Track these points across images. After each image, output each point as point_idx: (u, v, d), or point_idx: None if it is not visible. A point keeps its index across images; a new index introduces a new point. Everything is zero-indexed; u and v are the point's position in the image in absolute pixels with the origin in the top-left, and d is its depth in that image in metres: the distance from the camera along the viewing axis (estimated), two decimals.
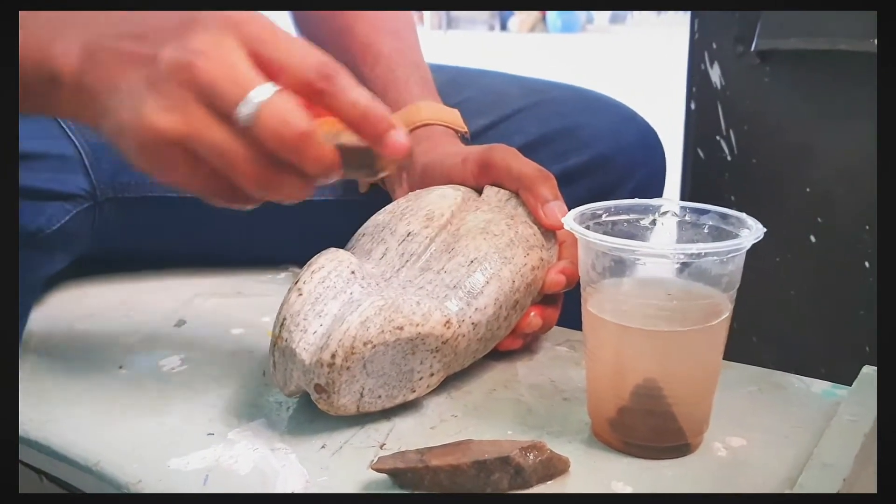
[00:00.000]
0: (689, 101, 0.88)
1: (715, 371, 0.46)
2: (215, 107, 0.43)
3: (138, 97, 0.43)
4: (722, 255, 0.43)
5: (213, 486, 0.44)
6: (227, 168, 0.44)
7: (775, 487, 0.43)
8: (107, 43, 0.45)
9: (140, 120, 0.43)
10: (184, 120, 0.43)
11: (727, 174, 0.87)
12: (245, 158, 0.43)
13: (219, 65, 0.43)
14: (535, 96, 0.80)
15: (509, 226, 0.54)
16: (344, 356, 0.45)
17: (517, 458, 0.43)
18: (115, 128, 0.44)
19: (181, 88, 0.43)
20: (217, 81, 0.42)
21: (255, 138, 0.43)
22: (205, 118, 0.43)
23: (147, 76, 0.43)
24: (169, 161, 0.44)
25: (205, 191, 0.45)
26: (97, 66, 0.45)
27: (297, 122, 0.42)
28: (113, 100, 0.44)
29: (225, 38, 0.43)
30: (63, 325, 0.63)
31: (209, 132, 0.43)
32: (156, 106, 0.43)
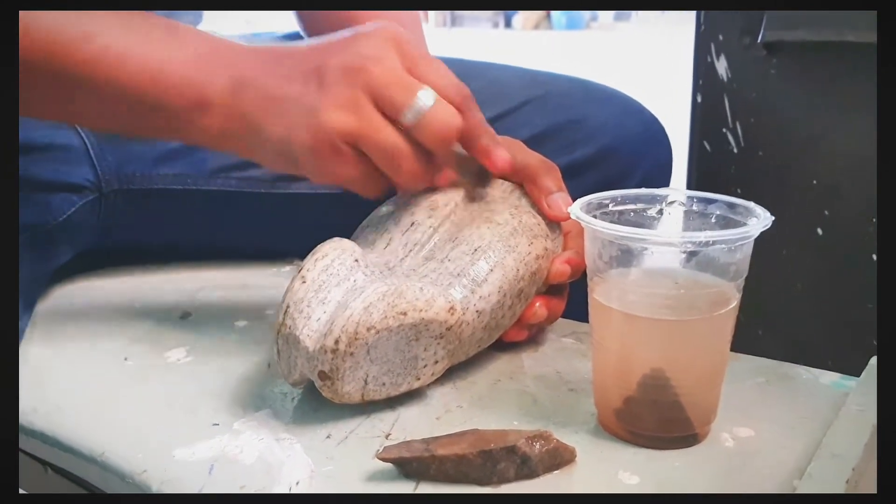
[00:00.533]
0: (696, 93, 0.87)
1: (722, 361, 0.46)
2: (385, 108, 0.49)
3: (310, 101, 0.49)
4: (730, 244, 0.43)
5: (219, 476, 0.44)
6: (392, 164, 0.50)
7: (784, 478, 0.43)
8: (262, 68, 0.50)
9: (317, 119, 0.48)
10: (358, 119, 0.48)
11: (733, 167, 0.86)
12: (408, 156, 0.50)
13: (389, 70, 0.49)
14: (541, 89, 0.79)
15: (513, 215, 0.54)
16: (347, 342, 0.45)
17: (523, 448, 0.42)
18: (283, 137, 0.49)
19: (355, 90, 0.48)
20: (389, 85, 0.48)
21: (418, 137, 0.49)
22: (377, 118, 0.49)
23: (317, 82, 0.49)
24: (339, 158, 0.49)
25: (363, 186, 0.52)
26: (254, 90, 0.50)
27: (456, 122, 0.50)
28: (275, 112, 0.49)
29: (389, 48, 0.49)
30: (69, 317, 0.63)
31: (383, 131, 0.49)
32: (332, 106, 0.48)
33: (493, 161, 0.54)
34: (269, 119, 0.49)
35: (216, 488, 0.43)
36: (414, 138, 0.50)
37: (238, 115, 0.50)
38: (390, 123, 0.49)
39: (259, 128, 0.50)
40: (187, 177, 0.69)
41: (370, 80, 0.48)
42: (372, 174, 0.51)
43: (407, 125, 0.49)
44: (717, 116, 0.86)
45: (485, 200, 0.56)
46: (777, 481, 0.42)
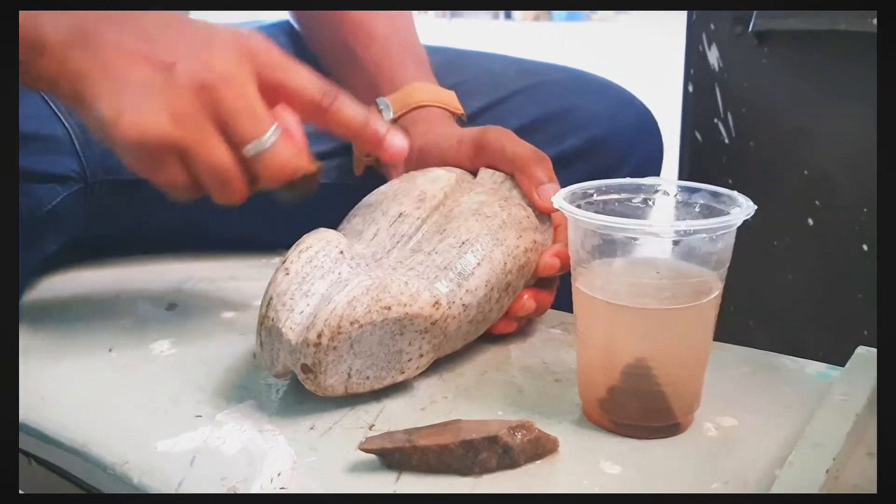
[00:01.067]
0: (687, 83, 0.87)
1: (705, 350, 0.46)
2: (228, 133, 0.47)
3: (150, 99, 0.46)
4: (711, 233, 0.43)
5: (200, 468, 0.44)
6: (219, 184, 0.49)
7: (765, 467, 0.43)
8: (109, 33, 0.47)
9: (151, 121, 0.46)
10: (192, 134, 0.47)
11: (725, 157, 0.86)
12: (236, 180, 0.49)
13: (241, 97, 0.47)
14: (532, 78, 0.79)
15: (502, 207, 0.54)
16: (330, 336, 0.45)
17: (505, 438, 0.42)
18: (111, 120, 0.46)
19: (199, 105, 0.47)
20: (238, 113, 0.47)
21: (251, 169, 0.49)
22: (213, 138, 0.47)
23: (163, 80, 0.46)
24: (160, 165, 0.48)
25: (180, 193, 0.50)
26: (94, 50, 0.47)
27: (296, 162, 0.49)
28: (109, 89, 0.46)
29: (244, 66, 0.48)
30: (54, 308, 0.63)
31: (216, 152, 0.47)
32: (167, 111, 0.46)
33: (388, 150, 0.53)
34: (102, 93, 0.46)
35: (197, 480, 0.43)
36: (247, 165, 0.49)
37: (71, 69, 0.46)
38: (229, 147, 0.48)
39: (91, 96, 0.46)
40: None
41: (219, 102, 0.47)
42: (192, 185, 0.49)
43: (245, 156, 0.48)
44: (708, 106, 0.86)
45: (474, 192, 0.56)
46: (759, 470, 0.42)
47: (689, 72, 0.87)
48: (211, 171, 0.48)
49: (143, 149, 0.47)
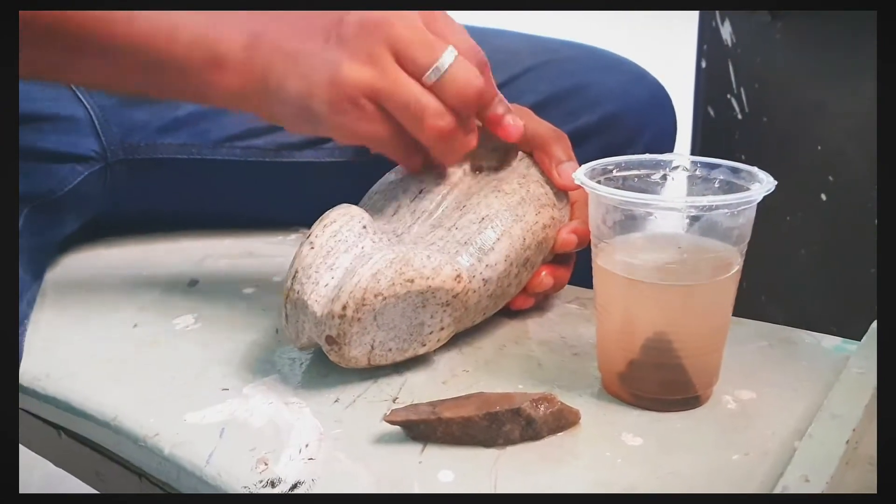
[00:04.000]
0: (700, 58, 0.87)
1: (724, 325, 0.46)
2: (406, 66, 0.48)
3: (330, 55, 0.47)
4: (733, 208, 0.43)
5: (229, 439, 0.45)
6: (415, 122, 0.48)
7: (785, 439, 0.43)
8: (276, 24, 0.49)
9: (337, 74, 0.47)
10: (381, 74, 0.47)
11: (737, 133, 0.86)
12: (433, 113, 0.48)
13: (411, 28, 0.48)
14: (546, 55, 0.79)
15: (521, 184, 0.54)
16: (355, 308, 0.45)
17: (528, 410, 0.43)
18: (304, 92, 0.48)
19: (375, 44, 0.47)
20: (411, 43, 0.47)
21: (440, 96, 0.48)
22: (400, 73, 0.47)
23: (336, 36, 0.47)
24: (361, 115, 0.48)
25: (390, 146, 0.50)
26: (270, 44, 0.48)
27: (478, 81, 0.49)
28: (294, 67, 0.48)
29: (406, 11, 0.48)
30: (78, 285, 0.64)
31: (406, 87, 0.48)
32: (353, 60, 0.47)
33: (506, 129, 0.53)
34: (286, 75, 0.48)
35: (227, 451, 0.44)
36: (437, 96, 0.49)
37: (254, 71, 0.48)
38: (413, 80, 0.48)
39: (277, 84, 0.48)
40: (192, 146, 0.69)
41: (391, 35, 0.47)
42: (397, 134, 0.49)
43: (428, 84, 0.48)
44: (721, 82, 0.86)
45: (493, 169, 0.56)
46: (778, 442, 0.43)
47: (703, 47, 0.87)
48: (405, 107, 0.48)
49: (338, 105, 0.47)
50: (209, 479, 0.43)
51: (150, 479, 0.50)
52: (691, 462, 0.42)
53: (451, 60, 0.48)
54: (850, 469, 0.41)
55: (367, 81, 0.47)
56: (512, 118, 0.53)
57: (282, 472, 0.42)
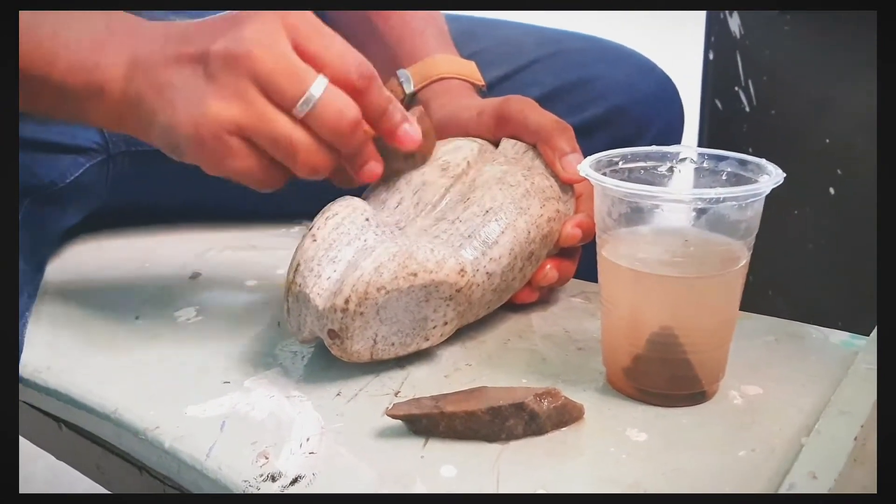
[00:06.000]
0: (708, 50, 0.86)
1: (731, 319, 0.46)
2: (274, 99, 0.45)
3: (195, 91, 0.45)
4: (740, 201, 0.42)
5: (230, 432, 0.44)
6: (287, 156, 0.46)
7: (792, 435, 0.43)
8: (152, 49, 0.47)
9: (200, 111, 0.45)
10: (246, 110, 0.45)
11: (745, 126, 0.85)
12: (305, 147, 0.46)
13: (276, 57, 0.45)
14: (552, 47, 0.78)
15: (525, 177, 0.54)
16: (357, 301, 0.45)
17: (531, 405, 0.43)
18: (169, 126, 0.46)
19: (240, 78, 0.45)
20: (276, 74, 0.45)
21: (312, 128, 0.46)
22: (267, 108, 0.45)
23: (203, 70, 0.46)
24: (228, 152, 0.46)
25: (259, 180, 0.48)
26: (144, 73, 0.47)
27: (351, 113, 0.46)
28: (163, 100, 0.46)
29: (277, 32, 0.46)
30: (80, 278, 0.64)
31: (273, 122, 0.45)
32: (216, 97, 0.45)
33: (399, 140, 0.50)
34: (156, 107, 0.46)
35: (228, 445, 0.43)
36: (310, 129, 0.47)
37: (129, 101, 0.47)
38: (282, 113, 0.46)
39: (147, 115, 0.47)
40: None
41: (255, 67, 0.45)
42: (267, 167, 0.47)
43: (300, 117, 0.46)
44: (729, 74, 0.85)
45: (497, 161, 0.56)
46: (785, 439, 0.42)
47: (710, 39, 0.86)
48: (274, 142, 0.46)
49: (205, 142, 0.45)
50: (209, 473, 0.42)
51: (150, 473, 0.50)
52: (696, 458, 0.41)
53: (320, 91, 0.45)
54: (859, 466, 0.40)
55: (231, 118, 0.45)
56: (408, 126, 0.50)
57: (282, 466, 0.42)
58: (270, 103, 0.45)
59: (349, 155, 0.49)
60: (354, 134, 0.47)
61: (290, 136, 0.46)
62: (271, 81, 0.45)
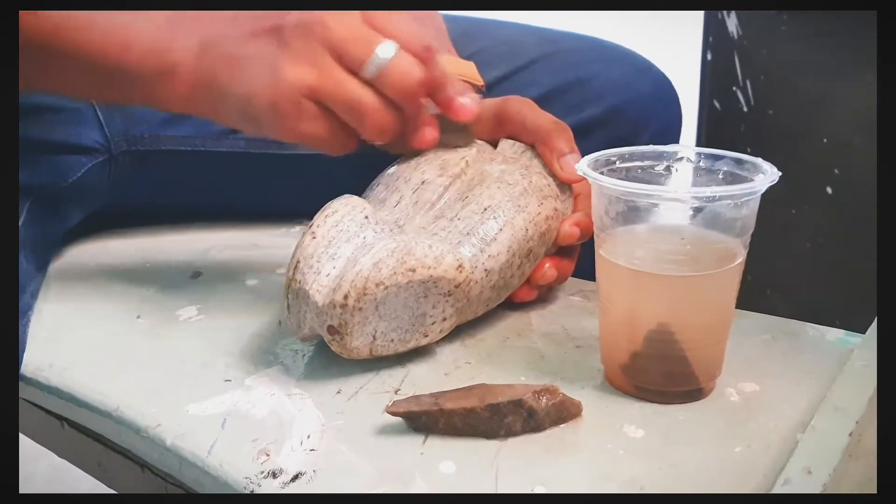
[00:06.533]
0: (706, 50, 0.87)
1: (728, 316, 0.46)
2: (344, 61, 0.48)
3: (271, 58, 0.48)
4: (736, 199, 0.43)
5: (231, 430, 0.45)
6: (357, 117, 0.49)
7: (787, 431, 0.43)
8: (223, 29, 0.50)
9: (277, 76, 0.48)
10: (319, 73, 0.48)
11: (743, 125, 0.86)
12: (374, 108, 0.49)
13: (346, 24, 0.48)
14: (549, 47, 0.79)
15: (524, 175, 0.54)
16: (356, 297, 0.45)
17: (530, 402, 0.43)
18: (245, 96, 0.49)
19: (313, 44, 0.48)
20: (347, 38, 0.48)
21: (380, 89, 0.48)
22: (338, 72, 0.48)
23: (276, 40, 0.48)
24: (302, 114, 0.48)
25: (331, 144, 0.50)
26: (217, 50, 0.49)
27: (418, 74, 0.49)
28: (237, 72, 0.49)
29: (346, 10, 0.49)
30: (82, 276, 0.64)
31: (344, 84, 0.48)
32: (291, 62, 0.48)
33: (455, 111, 0.52)
34: (231, 80, 0.49)
35: (229, 442, 0.44)
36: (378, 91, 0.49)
37: (201, 78, 0.50)
38: (352, 76, 0.48)
39: (222, 89, 0.49)
40: (195, 138, 0.69)
41: (328, 33, 0.48)
42: (339, 130, 0.50)
43: (368, 79, 0.48)
44: (726, 74, 0.85)
45: (496, 161, 0.56)
46: (781, 435, 0.43)
47: (708, 39, 0.87)
48: (345, 105, 0.48)
49: (282, 106, 0.48)
50: (211, 470, 0.43)
51: (152, 470, 0.50)
52: (693, 454, 0.42)
53: (388, 53, 0.48)
54: (854, 462, 0.40)
55: (306, 82, 0.48)
56: (464, 98, 0.52)
57: (283, 463, 0.42)
58: (342, 68, 0.48)
59: (411, 117, 0.51)
60: (420, 94, 0.50)
61: (361, 98, 0.48)
62: (342, 45, 0.48)
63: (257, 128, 0.50)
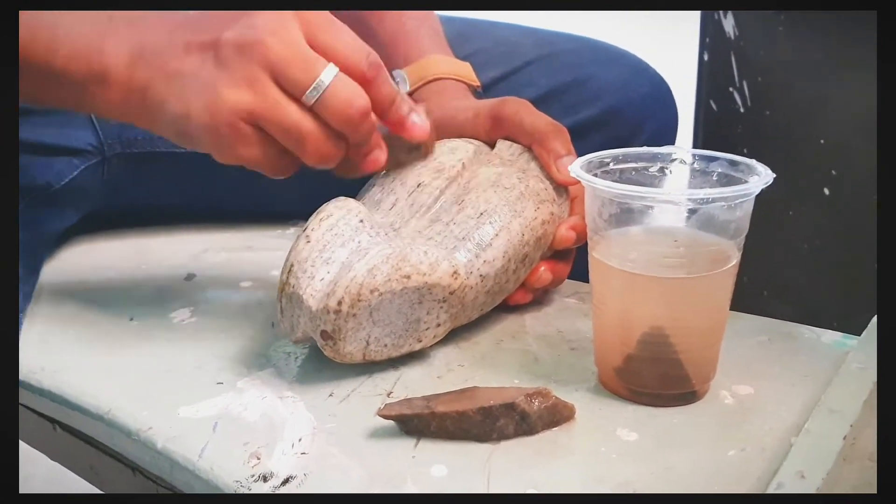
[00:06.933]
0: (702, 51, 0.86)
1: (722, 319, 0.46)
2: (284, 86, 0.46)
3: (206, 79, 0.46)
4: (730, 201, 0.43)
5: (222, 433, 0.44)
6: (297, 145, 0.47)
7: (782, 434, 0.43)
8: (159, 37, 0.48)
9: (214, 98, 0.46)
10: (258, 97, 0.46)
11: (740, 126, 0.85)
12: (314, 136, 0.46)
13: (287, 45, 0.45)
14: (546, 48, 0.78)
15: (520, 179, 0.54)
16: (350, 303, 0.45)
17: (522, 405, 0.43)
18: (181, 114, 0.46)
19: (252, 66, 0.45)
20: (287, 62, 0.45)
21: (322, 116, 0.46)
22: (278, 96, 0.46)
23: (213, 57, 0.46)
24: (240, 139, 0.46)
25: (269, 167, 0.48)
26: (151, 60, 0.47)
27: (360, 102, 0.47)
28: (172, 88, 0.46)
29: (288, 22, 0.46)
30: (75, 279, 0.64)
31: (283, 110, 0.46)
32: (229, 84, 0.45)
33: (410, 131, 0.51)
34: (166, 95, 0.47)
35: (220, 445, 0.44)
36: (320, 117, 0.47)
37: (135, 88, 0.47)
38: (292, 100, 0.46)
39: (156, 104, 0.47)
40: None
41: (267, 55, 0.45)
42: (278, 155, 0.48)
43: (309, 104, 0.46)
44: (723, 75, 0.85)
45: (493, 163, 0.56)
46: (775, 438, 0.43)
47: (705, 40, 0.86)
48: (285, 132, 0.46)
49: (219, 129, 0.46)
50: (202, 473, 0.42)
51: (143, 473, 0.50)
52: (687, 457, 0.42)
53: (330, 79, 0.46)
54: (848, 465, 0.40)
55: (244, 106, 0.45)
56: (416, 116, 0.51)
57: (274, 467, 0.42)
58: (282, 92, 0.46)
59: (357, 144, 0.49)
60: (364, 122, 0.48)
61: (300, 126, 0.46)
62: (283, 69, 0.45)
63: (194, 146, 0.48)
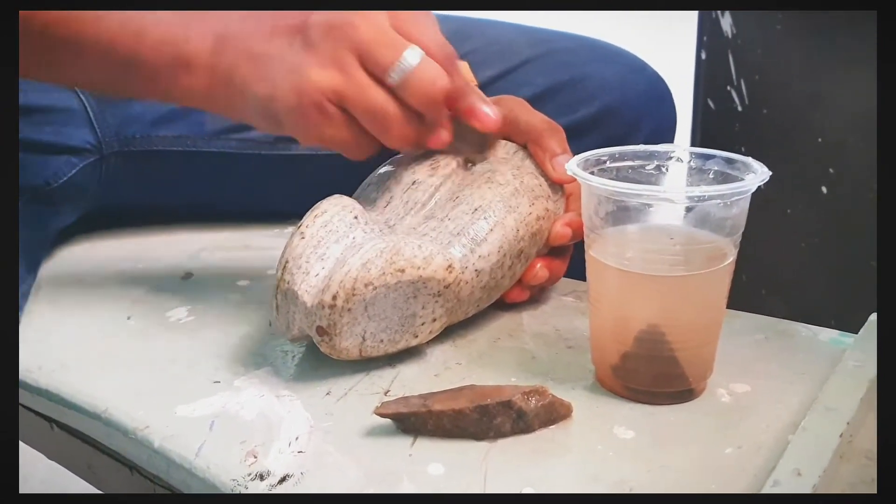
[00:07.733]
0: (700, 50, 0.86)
1: (718, 316, 0.46)
2: (370, 67, 0.47)
3: (294, 59, 0.47)
4: (726, 199, 0.43)
5: (219, 432, 0.44)
6: (379, 126, 0.48)
7: (779, 432, 0.43)
8: (244, 24, 0.49)
9: (301, 78, 0.47)
10: (343, 78, 0.47)
11: (738, 125, 0.85)
12: (396, 117, 0.48)
13: (374, 28, 0.47)
14: (543, 47, 0.78)
15: (515, 175, 0.54)
16: (345, 297, 0.45)
17: (519, 403, 0.43)
18: (267, 96, 0.48)
19: (339, 47, 0.47)
20: (374, 43, 0.47)
21: (403, 97, 0.48)
22: (363, 77, 0.47)
23: (301, 40, 0.47)
24: (325, 119, 0.48)
25: (351, 148, 0.50)
26: (236, 45, 0.48)
27: (442, 81, 0.48)
28: (259, 71, 0.48)
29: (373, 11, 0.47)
30: (72, 278, 0.64)
31: (369, 91, 0.47)
32: (317, 64, 0.47)
33: (481, 119, 0.52)
34: (251, 78, 0.48)
35: (217, 444, 0.44)
36: (401, 98, 0.48)
37: (220, 73, 0.48)
38: (377, 83, 0.47)
39: (241, 87, 0.48)
40: (187, 138, 0.69)
41: (355, 37, 0.47)
42: (359, 136, 0.49)
43: (392, 85, 0.47)
44: (721, 74, 0.85)
45: (487, 161, 0.56)
46: (772, 436, 0.43)
47: (702, 38, 0.86)
48: (369, 113, 0.48)
49: (306, 110, 0.47)
50: (198, 472, 0.42)
51: (140, 472, 0.50)
52: (683, 455, 0.42)
53: (414, 60, 0.47)
54: (845, 463, 0.40)
55: (331, 86, 0.47)
56: (487, 107, 0.52)
57: (271, 465, 0.42)
58: (367, 73, 0.47)
59: (431, 122, 0.51)
60: (443, 103, 0.49)
61: (385, 107, 0.47)
62: (369, 49, 0.47)
63: (278, 128, 0.50)
